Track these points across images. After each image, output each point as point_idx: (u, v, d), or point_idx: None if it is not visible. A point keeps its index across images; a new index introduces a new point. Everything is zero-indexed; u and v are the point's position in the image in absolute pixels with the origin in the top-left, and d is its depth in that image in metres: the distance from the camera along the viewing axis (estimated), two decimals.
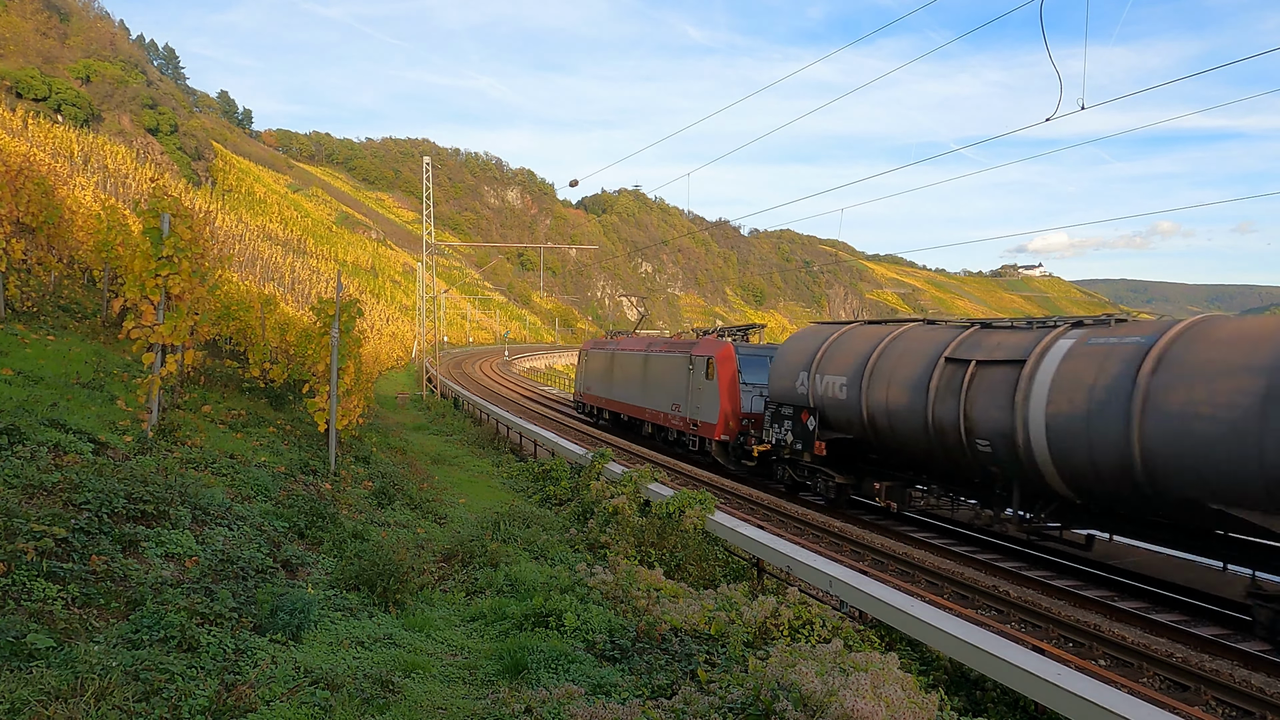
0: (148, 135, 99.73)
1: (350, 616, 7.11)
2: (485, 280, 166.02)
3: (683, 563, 11.80)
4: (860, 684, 5.25)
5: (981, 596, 11.71)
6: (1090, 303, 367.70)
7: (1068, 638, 10.25)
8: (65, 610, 5.32)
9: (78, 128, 73.89)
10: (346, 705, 5.15)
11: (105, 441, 9.10)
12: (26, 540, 5.68)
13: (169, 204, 10.92)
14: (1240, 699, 8.42)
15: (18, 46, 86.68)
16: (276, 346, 20.27)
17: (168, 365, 10.89)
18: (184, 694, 4.73)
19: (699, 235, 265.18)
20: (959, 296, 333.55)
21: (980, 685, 8.00)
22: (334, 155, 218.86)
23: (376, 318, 76.45)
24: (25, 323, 13.86)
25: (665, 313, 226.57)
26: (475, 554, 10.24)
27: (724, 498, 17.81)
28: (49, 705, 4.18)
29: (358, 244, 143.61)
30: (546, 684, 6.05)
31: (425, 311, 54.57)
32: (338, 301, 13.77)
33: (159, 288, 10.71)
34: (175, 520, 7.42)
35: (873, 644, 8.49)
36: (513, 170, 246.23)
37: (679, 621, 7.87)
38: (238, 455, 11.22)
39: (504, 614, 7.90)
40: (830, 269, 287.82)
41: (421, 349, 51.58)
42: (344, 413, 14.57)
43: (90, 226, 19.42)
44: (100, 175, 55.60)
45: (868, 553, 14.03)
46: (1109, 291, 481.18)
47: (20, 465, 7.11)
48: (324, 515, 9.93)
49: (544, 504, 16.39)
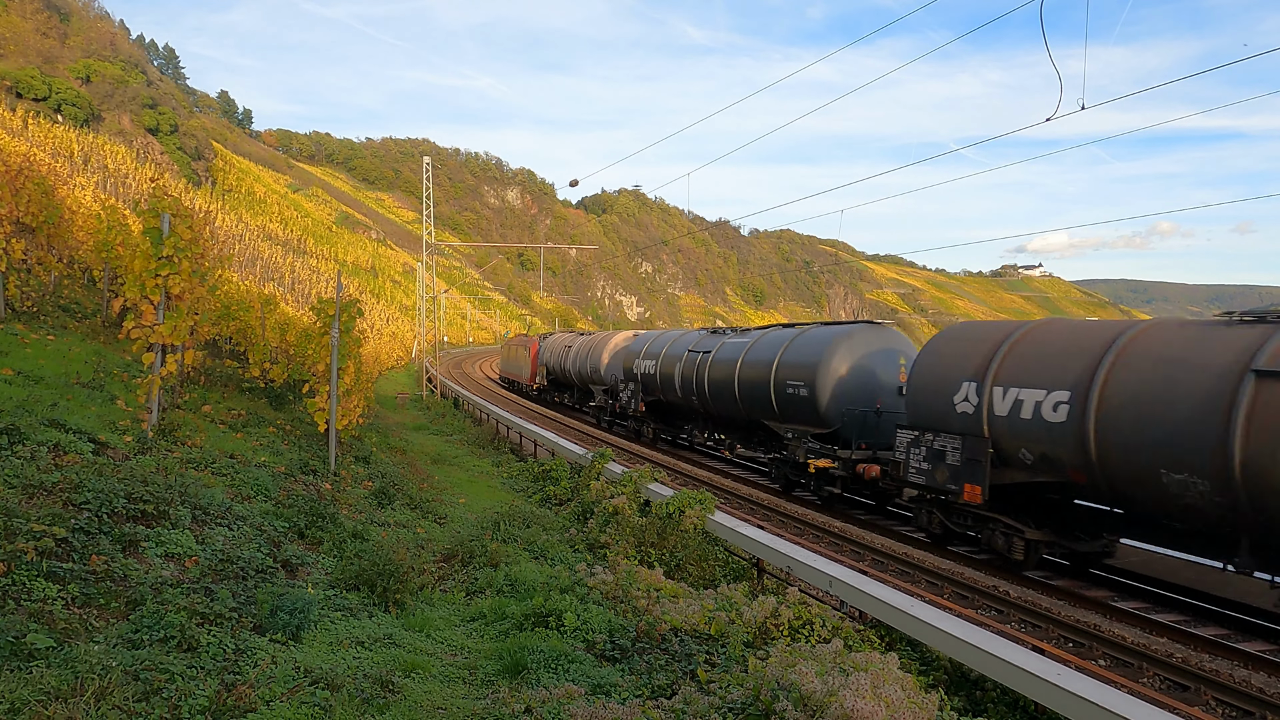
0: (148, 135, 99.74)
1: (350, 616, 7.11)
2: (485, 280, 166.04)
3: (683, 563, 11.80)
4: (860, 684, 5.25)
5: (981, 596, 11.71)
6: (1090, 302, 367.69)
7: (1068, 638, 10.25)
8: (65, 610, 5.32)
9: (78, 128, 73.87)
10: (346, 705, 5.15)
11: (105, 441, 9.10)
12: (26, 540, 5.68)
13: (169, 204, 10.92)
14: (1240, 699, 8.43)
15: (18, 46, 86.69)
16: (276, 346, 20.26)
17: (168, 365, 10.89)
18: (184, 694, 4.73)
19: (699, 235, 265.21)
20: (959, 297, 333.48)
21: (980, 685, 8.00)
22: (334, 155, 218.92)
23: (376, 318, 76.46)
24: (25, 323, 13.85)
25: (666, 313, 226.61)
26: (475, 554, 10.23)
27: (724, 498, 17.82)
28: (49, 705, 4.17)
29: (358, 244, 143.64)
30: (546, 684, 6.05)
31: (425, 311, 54.57)
32: (338, 301, 13.77)
33: (159, 288, 10.71)
34: (175, 520, 7.42)
35: (873, 644, 8.49)
36: (513, 170, 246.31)
37: (679, 621, 7.87)
38: (238, 455, 11.22)
39: (504, 614, 7.90)
40: (830, 269, 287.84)
41: (421, 349, 51.58)
42: (344, 413, 14.57)
43: (90, 226, 19.42)
44: (100, 175, 55.59)
45: (868, 553, 14.03)
46: (1109, 292, 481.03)
47: (20, 465, 7.10)
48: (324, 515, 9.92)
49: (544, 504, 16.38)
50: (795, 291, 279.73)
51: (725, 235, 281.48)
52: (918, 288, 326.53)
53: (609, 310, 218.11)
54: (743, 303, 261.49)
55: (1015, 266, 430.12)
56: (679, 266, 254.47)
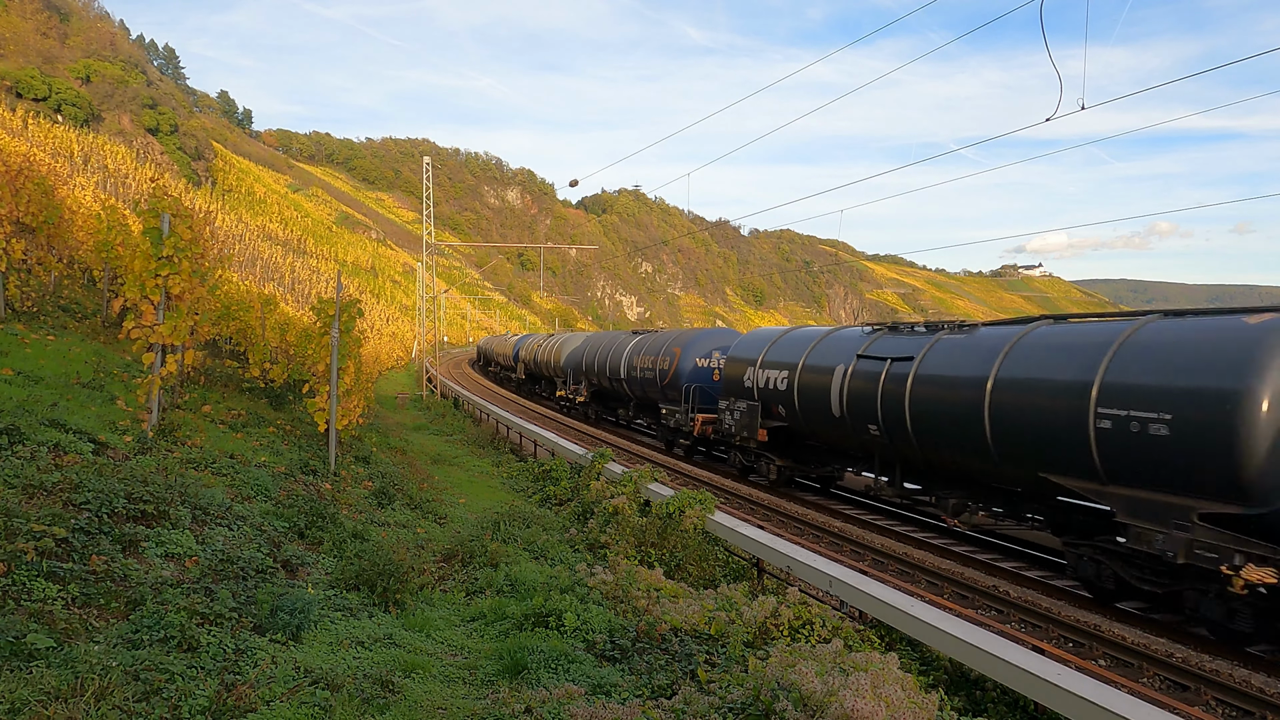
0: (148, 135, 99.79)
1: (350, 616, 7.10)
2: (485, 280, 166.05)
3: (683, 563, 11.80)
4: (860, 684, 5.25)
5: (981, 596, 11.71)
6: (1090, 302, 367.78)
7: (1068, 638, 10.24)
8: (65, 610, 5.32)
9: (78, 128, 73.91)
10: (346, 705, 5.15)
11: (105, 441, 9.10)
12: (26, 540, 5.68)
13: (169, 204, 10.92)
14: (1240, 699, 8.42)
15: (18, 46, 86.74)
16: (276, 346, 20.27)
17: (168, 365, 10.89)
18: (184, 694, 4.73)
19: (699, 235, 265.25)
20: (959, 296, 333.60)
21: (980, 685, 8.00)
22: (334, 155, 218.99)
23: (376, 318, 76.48)
24: (25, 323, 13.86)
25: (665, 312, 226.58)
26: (475, 554, 10.23)
27: (724, 498, 17.82)
28: (49, 705, 4.17)
29: (358, 244, 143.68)
30: (546, 684, 6.05)
31: (425, 311, 54.58)
32: (338, 301, 13.77)
33: (159, 288, 10.71)
34: (175, 520, 7.42)
35: (873, 644, 8.49)
36: (513, 170, 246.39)
37: (679, 621, 7.87)
38: (238, 455, 11.21)
39: (504, 614, 7.90)
40: (830, 269, 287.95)
41: (421, 349, 51.59)
42: (344, 413, 14.57)
43: (90, 226, 19.43)
44: (100, 175, 55.60)
45: (868, 553, 14.03)
46: (1110, 292, 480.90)
47: (20, 465, 7.10)
48: (324, 515, 9.92)
49: (544, 504, 16.38)
50: (795, 291, 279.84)
51: (725, 235, 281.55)
52: (918, 288, 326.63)
53: (609, 310, 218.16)
54: (743, 303, 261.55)
55: (1015, 266, 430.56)
56: (679, 266, 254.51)
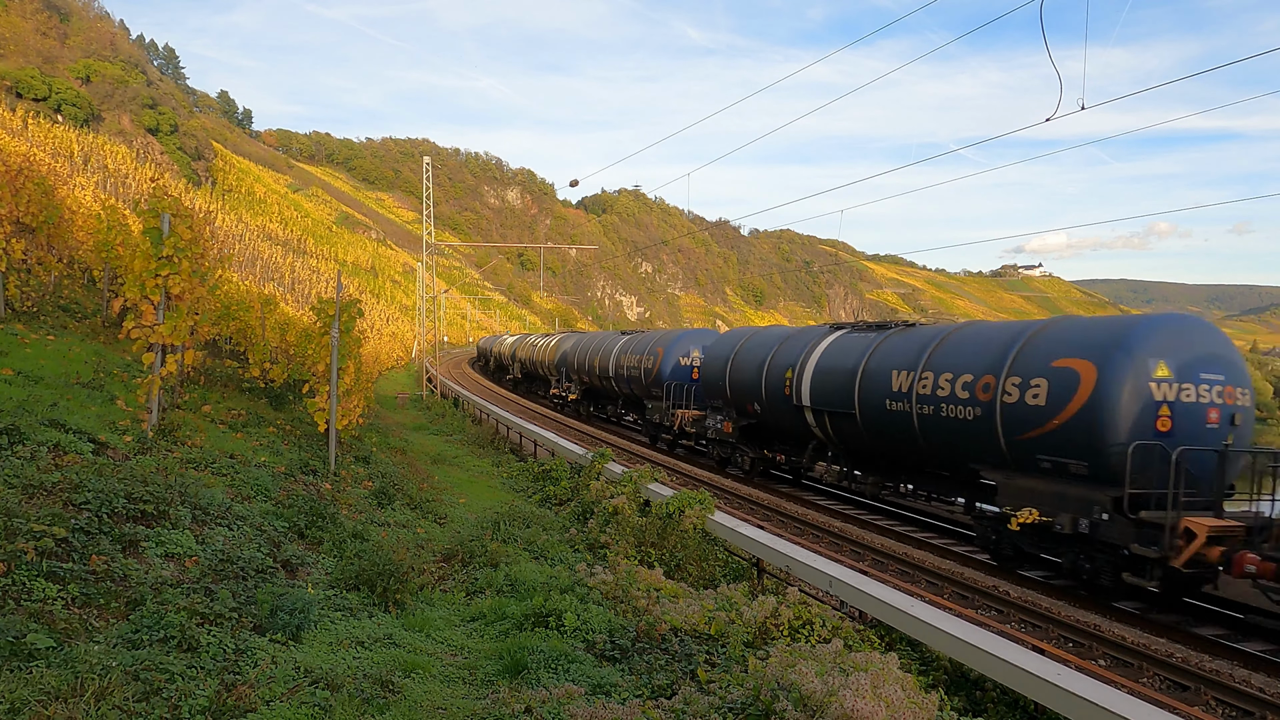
0: (148, 135, 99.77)
1: (350, 616, 7.10)
2: (485, 280, 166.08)
3: (683, 563, 11.79)
4: (860, 684, 5.25)
5: (981, 596, 11.71)
6: (1090, 303, 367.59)
7: (1068, 638, 10.25)
8: (65, 610, 5.32)
9: (78, 128, 73.87)
10: (346, 705, 5.14)
11: (105, 441, 9.10)
12: (26, 540, 5.67)
13: (169, 204, 10.91)
14: (1240, 699, 8.43)
15: (18, 46, 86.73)
16: (276, 346, 20.26)
17: (168, 365, 10.88)
18: (184, 694, 4.73)
19: (699, 235, 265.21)
20: (959, 296, 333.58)
21: (980, 685, 8.00)
22: (334, 155, 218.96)
23: (376, 318, 76.44)
24: (25, 323, 13.85)
25: (666, 313, 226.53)
26: (475, 554, 10.23)
27: (724, 498, 17.82)
28: (49, 705, 4.17)
29: (358, 244, 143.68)
30: (546, 684, 6.05)
31: (425, 311, 54.58)
32: (338, 301, 13.77)
33: (159, 288, 10.70)
34: (175, 520, 7.42)
35: (873, 644, 8.48)
36: (513, 170, 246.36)
37: (679, 621, 7.87)
38: (238, 455, 11.21)
39: (504, 614, 7.90)
40: (830, 269, 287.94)
41: (421, 349, 51.59)
42: (344, 413, 14.56)
43: (90, 226, 19.41)
44: (100, 175, 55.59)
45: (868, 553, 14.03)
46: (1109, 292, 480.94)
47: (20, 465, 7.10)
48: (324, 515, 9.91)
49: (544, 504, 16.37)
50: (795, 291, 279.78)
51: (725, 235, 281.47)
52: (918, 288, 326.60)
53: (609, 310, 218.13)
54: (743, 303, 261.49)
55: (1015, 266, 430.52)
56: (679, 266, 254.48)
